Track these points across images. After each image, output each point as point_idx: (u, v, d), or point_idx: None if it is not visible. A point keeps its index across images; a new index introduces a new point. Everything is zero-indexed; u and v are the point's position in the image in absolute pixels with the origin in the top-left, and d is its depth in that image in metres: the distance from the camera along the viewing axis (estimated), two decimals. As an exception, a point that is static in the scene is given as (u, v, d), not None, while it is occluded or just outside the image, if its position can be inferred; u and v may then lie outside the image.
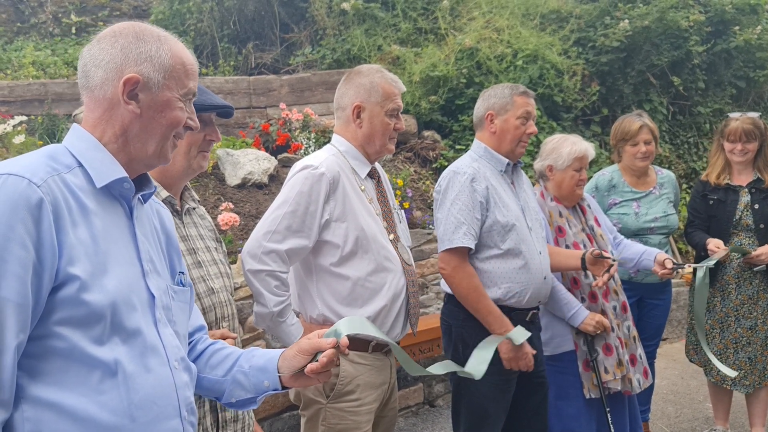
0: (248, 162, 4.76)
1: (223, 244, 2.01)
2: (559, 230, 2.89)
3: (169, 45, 1.26)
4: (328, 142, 5.27)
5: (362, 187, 2.21)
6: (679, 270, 2.96)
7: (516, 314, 2.57)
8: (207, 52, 6.82)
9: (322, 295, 2.16)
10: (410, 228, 4.61)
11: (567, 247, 2.85)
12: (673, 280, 4.01)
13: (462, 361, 2.51)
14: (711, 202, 3.49)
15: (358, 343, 2.09)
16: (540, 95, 5.77)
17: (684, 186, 6.46)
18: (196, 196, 1.96)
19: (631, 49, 6.27)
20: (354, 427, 2.13)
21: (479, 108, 2.67)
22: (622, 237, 3.21)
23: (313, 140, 5.16)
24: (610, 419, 2.81)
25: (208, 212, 4.29)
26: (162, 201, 1.78)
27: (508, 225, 2.53)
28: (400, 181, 4.73)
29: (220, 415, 1.79)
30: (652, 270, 3.01)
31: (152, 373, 1.18)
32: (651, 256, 3.00)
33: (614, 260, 2.70)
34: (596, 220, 3.05)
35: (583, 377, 2.82)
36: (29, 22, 7.19)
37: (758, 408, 3.50)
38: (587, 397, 2.80)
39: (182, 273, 1.42)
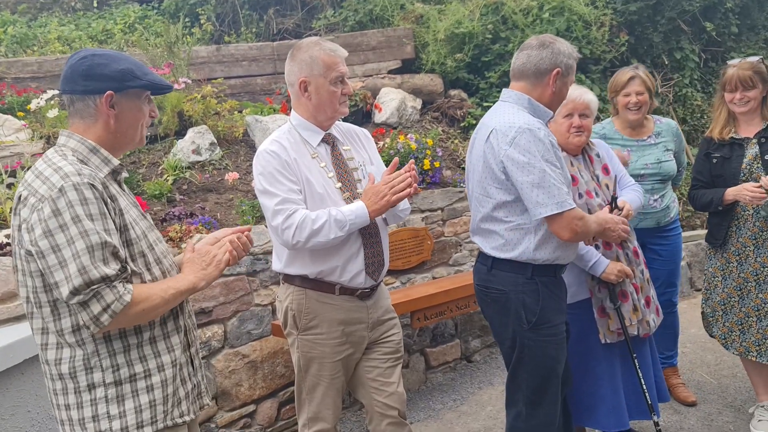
0: (277, 127, 4.72)
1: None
2: (573, 179, 2.82)
3: None
4: (355, 104, 5.28)
5: (314, 154, 2.43)
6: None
7: (560, 269, 2.57)
8: (228, 20, 6.79)
9: (296, 253, 2.43)
10: (441, 187, 4.64)
11: (580, 195, 2.80)
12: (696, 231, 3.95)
13: (526, 327, 2.46)
14: (714, 160, 3.26)
15: (325, 285, 2.42)
16: (567, 48, 5.66)
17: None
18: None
19: (661, -5, 6.10)
20: (321, 356, 2.47)
21: (544, 60, 2.44)
22: (632, 183, 3.10)
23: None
24: (637, 364, 2.88)
25: (241, 178, 4.34)
26: (113, 169, 1.78)
27: (569, 181, 2.45)
28: (429, 141, 4.70)
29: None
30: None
31: None
32: None
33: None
34: (604, 169, 2.99)
35: (599, 323, 2.86)
36: (51, -2, 7.21)
37: None
38: (602, 341, 2.86)
39: None
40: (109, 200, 1.67)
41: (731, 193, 3.16)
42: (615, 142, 3.53)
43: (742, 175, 3.20)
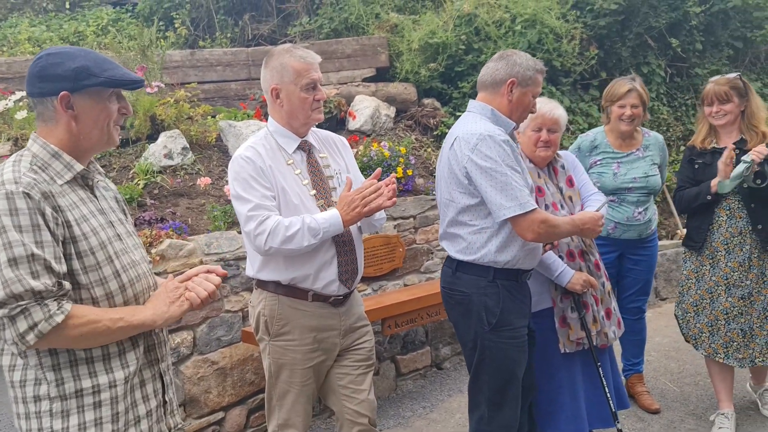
0: (250, 133, 4.75)
1: (129, 215, 1.97)
2: (539, 190, 2.87)
3: None
4: (329, 111, 5.29)
5: (290, 161, 2.44)
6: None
7: (523, 275, 2.63)
8: (203, 24, 6.77)
9: (269, 258, 2.42)
10: (414, 195, 4.67)
11: (546, 207, 2.85)
12: (662, 242, 4.08)
13: (486, 329, 2.52)
14: (696, 166, 3.42)
15: (298, 291, 2.42)
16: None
17: (682, 148, 6.49)
18: (101, 169, 1.85)
19: (629, 11, 6.24)
20: (292, 362, 2.46)
21: (499, 71, 2.54)
22: (594, 191, 3.12)
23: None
24: (601, 372, 2.93)
25: (213, 183, 4.32)
26: (81, 174, 1.69)
27: (533, 187, 2.53)
28: (402, 149, 4.74)
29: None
30: None
31: None
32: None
33: None
34: (569, 180, 3.04)
35: (559, 333, 2.91)
36: (21, -3, 7.11)
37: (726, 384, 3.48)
38: (562, 351, 2.91)
39: None
40: (50, 211, 1.56)
41: (714, 181, 3.26)
42: (606, 154, 3.62)
43: None
